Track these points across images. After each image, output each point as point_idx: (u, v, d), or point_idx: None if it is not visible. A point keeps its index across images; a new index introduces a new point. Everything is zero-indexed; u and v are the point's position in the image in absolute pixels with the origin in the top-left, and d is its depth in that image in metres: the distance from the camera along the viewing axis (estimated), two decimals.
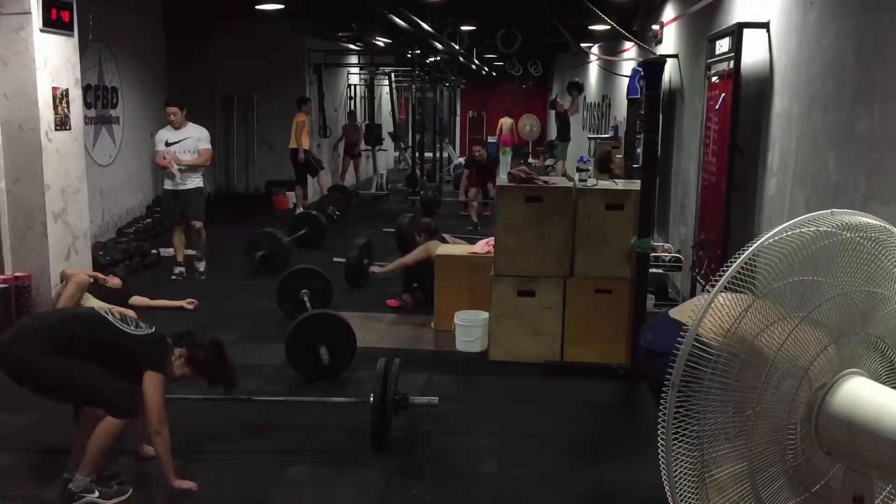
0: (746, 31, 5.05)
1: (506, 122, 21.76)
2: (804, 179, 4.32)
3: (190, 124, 8.01)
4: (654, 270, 5.76)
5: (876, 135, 3.48)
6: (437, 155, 19.58)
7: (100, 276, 6.72)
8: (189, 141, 7.88)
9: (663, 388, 1.88)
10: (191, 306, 6.64)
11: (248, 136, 13.59)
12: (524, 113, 23.09)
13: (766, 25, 5.00)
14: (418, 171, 14.74)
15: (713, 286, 1.87)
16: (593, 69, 15.75)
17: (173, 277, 7.95)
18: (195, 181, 7.94)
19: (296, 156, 11.97)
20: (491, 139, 22.29)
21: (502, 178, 6.48)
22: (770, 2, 5.02)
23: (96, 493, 3.56)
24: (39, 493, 3.70)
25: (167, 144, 7.85)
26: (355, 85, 17.45)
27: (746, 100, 5.10)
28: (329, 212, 11.02)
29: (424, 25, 9.92)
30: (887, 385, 1.92)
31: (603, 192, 5.68)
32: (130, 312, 6.25)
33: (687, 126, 7.32)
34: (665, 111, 7.84)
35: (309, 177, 12.33)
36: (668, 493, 1.90)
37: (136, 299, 6.56)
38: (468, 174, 12.20)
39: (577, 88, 15.61)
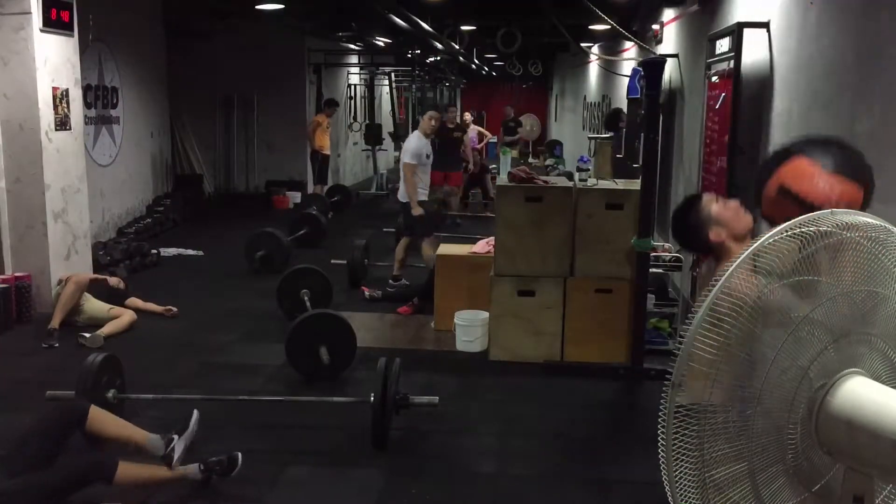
0: (746, 31, 5.05)
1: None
2: None
3: None
4: (654, 270, 5.76)
5: (876, 135, 3.47)
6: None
7: (100, 277, 6.75)
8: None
9: None
10: (169, 314, 6.60)
11: (248, 136, 13.60)
12: (524, 112, 23.05)
13: (766, 25, 5.00)
14: None
15: (713, 286, 1.87)
16: (593, 69, 15.75)
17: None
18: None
19: (314, 157, 12.26)
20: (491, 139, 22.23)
21: (502, 178, 6.48)
22: (770, 2, 5.02)
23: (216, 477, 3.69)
24: None
25: (427, 157, 7.38)
26: (355, 85, 17.45)
27: (746, 100, 5.10)
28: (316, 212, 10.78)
29: (424, 25, 9.92)
30: (887, 385, 1.92)
31: (603, 192, 5.68)
32: (130, 313, 6.31)
33: (687, 126, 7.32)
34: (665, 111, 7.84)
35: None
36: (669, 493, 1.90)
37: (133, 301, 6.58)
38: None
39: None
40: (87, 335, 5.73)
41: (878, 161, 3.45)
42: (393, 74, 18.20)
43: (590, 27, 10.88)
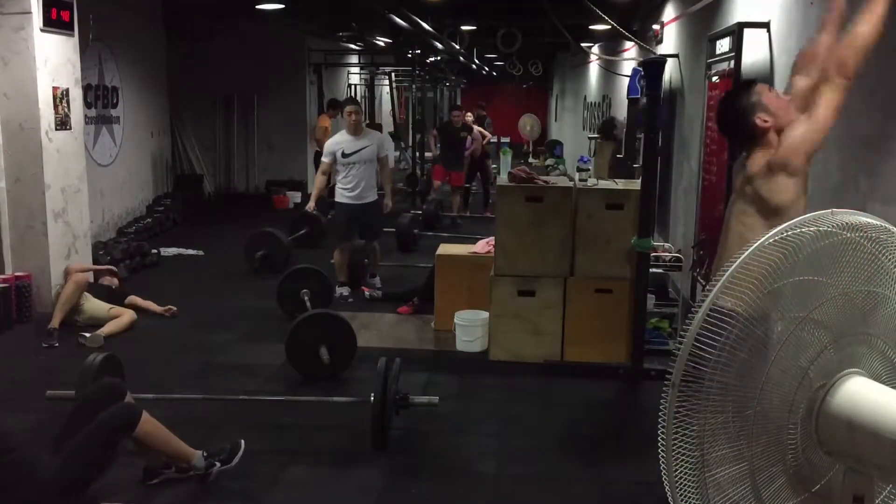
0: (747, 31, 5.04)
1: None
2: None
3: (368, 130, 7.37)
4: (654, 270, 5.76)
5: (876, 135, 3.47)
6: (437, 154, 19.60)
7: (98, 267, 6.76)
8: (368, 150, 7.08)
9: None
10: (169, 313, 6.61)
11: (248, 136, 13.60)
12: (525, 112, 23.07)
13: (766, 25, 5.00)
14: (419, 171, 14.75)
15: (713, 286, 1.87)
16: (593, 69, 15.75)
17: (337, 296, 7.05)
18: (374, 193, 7.27)
19: (319, 159, 12.41)
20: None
21: (502, 177, 6.48)
22: (770, 1, 5.02)
23: (218, 465, 3.73)
24: None
25: (344, 156, 7.02)
26: (355, 85, 17.46)
27: None
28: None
29: (425, 25, 9.91)
30: (887, 385, 1.92)
31: (603, 192, 5.68)
32: (130, 312, 6.31)
33: (687, 126, 7.32)
34: (665, 111, 7.83)
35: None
36: (669, 493, 1.90)
37: (132, 299, 6.59)
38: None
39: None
40: (87, 335, 5.73)
41: (878, 161, 3.46)
42: (393, 74, 18.22)
43: (590, 27, 10.88)
